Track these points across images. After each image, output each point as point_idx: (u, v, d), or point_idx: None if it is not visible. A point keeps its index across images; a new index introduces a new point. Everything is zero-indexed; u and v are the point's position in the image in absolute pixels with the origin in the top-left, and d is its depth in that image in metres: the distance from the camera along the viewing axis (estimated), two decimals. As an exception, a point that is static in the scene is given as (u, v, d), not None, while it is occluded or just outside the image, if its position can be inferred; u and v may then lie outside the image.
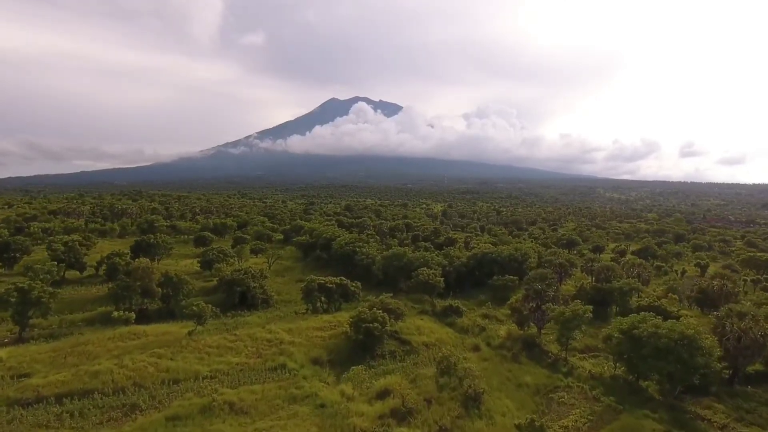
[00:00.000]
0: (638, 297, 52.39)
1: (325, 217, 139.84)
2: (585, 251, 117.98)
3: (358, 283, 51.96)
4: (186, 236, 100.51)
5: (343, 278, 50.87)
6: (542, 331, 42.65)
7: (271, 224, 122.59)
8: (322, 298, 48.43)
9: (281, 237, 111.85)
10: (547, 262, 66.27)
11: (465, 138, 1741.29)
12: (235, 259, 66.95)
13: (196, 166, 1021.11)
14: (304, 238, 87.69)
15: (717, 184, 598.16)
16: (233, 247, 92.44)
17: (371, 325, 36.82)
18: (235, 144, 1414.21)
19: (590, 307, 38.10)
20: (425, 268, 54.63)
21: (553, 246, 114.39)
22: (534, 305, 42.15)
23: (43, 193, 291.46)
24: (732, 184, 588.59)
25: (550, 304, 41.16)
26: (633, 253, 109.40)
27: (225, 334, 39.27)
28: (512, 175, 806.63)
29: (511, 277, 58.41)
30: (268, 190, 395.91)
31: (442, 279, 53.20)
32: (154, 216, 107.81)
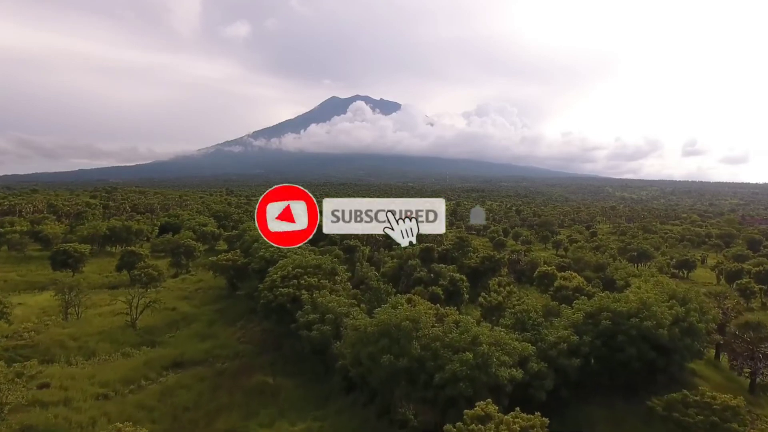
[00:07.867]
0: None
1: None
2: (666, 266, 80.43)
3: None
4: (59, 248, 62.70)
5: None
6: None
7: (213, 228, 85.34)
8: None
9: (225, 247, 74.94)
10: (755, 328, 27.43)
11: (465, 136, 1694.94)
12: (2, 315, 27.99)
13: (195, 165, 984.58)
14: (230, 256, 49.61)
15: (726, 183, 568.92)
16: (119, 270, 55.32)
17: None
18: (234, 143, 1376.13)
19: None
20: (486, 404, 15.92)
21: (620, 258, 77.77)
22: None
23: (27, 191, 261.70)
24: (742, 183, 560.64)
25: None
26: (753, 275, 68.64)
27: None
28: (513, 174, 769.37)
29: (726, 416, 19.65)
30: (264, 188, 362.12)
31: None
32: (7, 218, 69.36)
